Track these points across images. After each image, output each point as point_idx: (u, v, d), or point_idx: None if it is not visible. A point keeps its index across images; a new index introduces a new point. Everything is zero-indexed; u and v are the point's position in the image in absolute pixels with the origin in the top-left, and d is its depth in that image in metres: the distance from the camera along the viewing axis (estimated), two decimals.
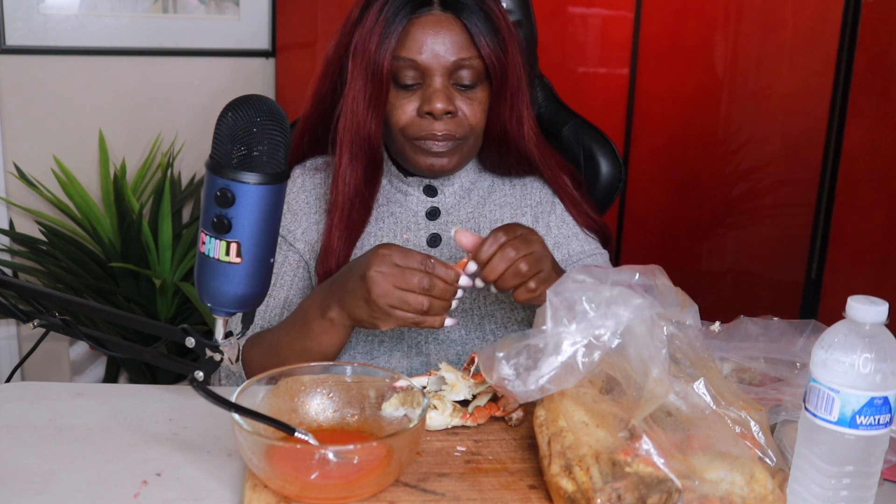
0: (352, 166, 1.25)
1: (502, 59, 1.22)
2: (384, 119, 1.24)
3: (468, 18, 1.20)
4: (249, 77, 2.71)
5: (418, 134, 1.22)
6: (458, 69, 1.21)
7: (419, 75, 1.21)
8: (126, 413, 1.08)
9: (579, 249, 1.35)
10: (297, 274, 1.31)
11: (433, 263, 1.06)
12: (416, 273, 1.05)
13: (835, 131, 2.51)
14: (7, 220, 2.59)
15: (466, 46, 1.21)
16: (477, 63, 1.21)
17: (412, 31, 1.20)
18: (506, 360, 0.88)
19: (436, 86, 1.20)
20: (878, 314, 0.79)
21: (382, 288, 1.05)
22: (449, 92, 1.21)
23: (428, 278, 1.05)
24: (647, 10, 2.48)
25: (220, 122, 0.81)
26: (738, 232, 2.70)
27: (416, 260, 1.06)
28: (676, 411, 0.87)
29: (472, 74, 1.22)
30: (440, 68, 1.20)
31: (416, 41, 1.20)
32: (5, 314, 0.94)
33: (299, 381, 1.00)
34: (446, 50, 1.20)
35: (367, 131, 1.23)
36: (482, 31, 1.21)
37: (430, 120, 1.21)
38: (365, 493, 0.88)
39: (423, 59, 1.20)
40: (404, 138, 1.24)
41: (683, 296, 0.93)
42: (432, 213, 1.33)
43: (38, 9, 2.50)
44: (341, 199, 1.26)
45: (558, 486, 0.85)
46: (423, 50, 1.20)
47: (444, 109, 1.20)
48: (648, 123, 2.56)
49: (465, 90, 1.23)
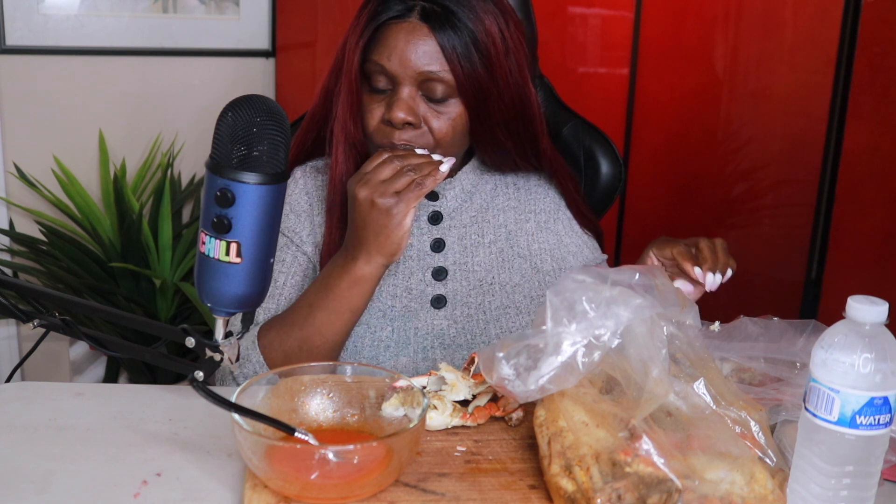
0: (346, 165, 1.26)
1: (479, 78, 1.19)
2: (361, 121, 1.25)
3: (443, 33, 1.17)
4: (249, 77, 2.71)
5: (381, 141, 1.22)
6: (426, 80, 1.18)
7: (389, 82, 1.20)
8: (126, 413, 1.08)
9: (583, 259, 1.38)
10: (306, 276, 1.31)
11: (390, 150, 1.16)
12: (385, 164, 1.15)
13: (835, 131, 2.51)
14: (7, 220, 2.59)
15: (437, 60, 1.18)
16: (448, 77, 1.18)
17: (387, 35, 1.19)
18: (506, 360, 0.88)
19: (400, 95, 1.19)
20: (878, 314, 0.79)
21: (373, 192, 1.13)
22: (413, 102, 1.19)
23: (397, 158, 1.14)
24: (647, 10, 2.47)
25: (220, 122, 0.81)
26: (738, 232, 2.70)
27: (378, 156, 1.16)
28: (676, 411, 0.87)
29: (444, 88, 1.19)
30: (407, 77, 1.18)
31: (388, 46, 1.18)
32: (5, 314, 0.94)
33: (299, 381, 1.00)
34: (416, 60, 1.17)
35: (350, 131, 1.24)
36: (457, 47, 1.17)
37: (390, 128, 1.20)
38: (365, 493, 0.88)
39: (391, 65, 1.18)
40: (371, 143, 1.24)
41: (683, 296, 0.93)
42: (434, 217, 1.33)
43: (38, 9, 2.50)
44: (340, 198, 1.26)
45: (558, 486, 0.85)
46: (392, 56, 1.18)
47: (403, 120, 1.19)
48: (648, 123, 2.56)
49: (435, 103, 1.20)
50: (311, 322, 1.19)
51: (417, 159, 1.16)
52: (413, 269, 1.29)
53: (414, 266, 1.30)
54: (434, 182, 1.14)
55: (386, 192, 1.13)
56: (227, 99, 0.82)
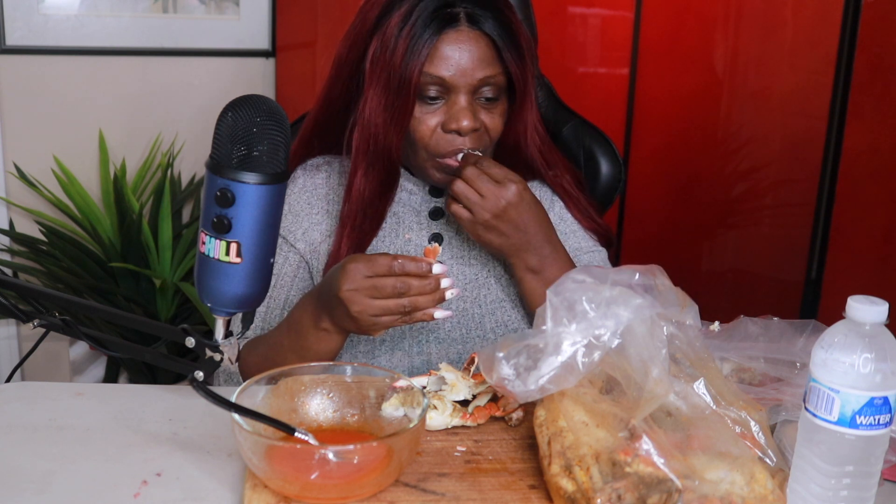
0: (367, 177, 1.24)
1: (526, 73, 1.22)
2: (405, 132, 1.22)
3: (494, 36, 1.18)
4: (249, 77, 2.70)
5: (443, 150, 1.21)
6: (483, 86, 1.20)
7: (443, 90, 1.19)
8: (126, 413, 1.08)
9: (576, 245, 1.35)
10: (297, 275, 1.31)
11: (401, 263, 1.06)
12: (388, 279, 1.05)
13: (835, 131, 2.51)
14: (7, 220, 2.59)
15: (492, 63, 1.19)
16: (501, 79, 1.21)
17: (440, 47, 1.18)
18: (506, 360, 0.88)
19: (462, 103, 1.19)
20: (878, 314, 0.79)
21: (360, 304, 1.06)
22: (474, 108, 1.20)
23: (401, 281, 1.05)
24: (647, 10, 2.47)
25: (220, 122, 0.81)
26: (738, 232, 2.70)
27: (384, 266, 1.06)
28: (676, 411, 0.87)
29: (496, 89, 1.21)
30: (466, 86, 1.19)
31: (444, 58, 1.18)
32: (5, 314, 0.94)
33: (299, 381, 1.00)
34: (473, 67, 1.18)
35: (388, 143, 1.21)
36: (508, 48, 1.19)
37: (454, 136, 1.20)
38: (365, 493, 0.88)
39: (450, 76, 1.18)
40: (427, 153, 1.22)
41: (683, 296, 0.93)
42: (435, 212, 1.33)
43: (38, 9, 2.50)
44: (354, 210, 1.25)
45: (558, 486, 0.85)
46: (451, 67, 1.18)
47: (472, 127, 1.19)
48: (648, 123, 2.56)
49: (487, 103, 1.22)
50: (283, 360, 1.17)
51: (419, 286, 1.07)
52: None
53: None
54: (421, 321, 1.10)
55: (373, 310, 1.07)
56: (227, 99, 0.82)
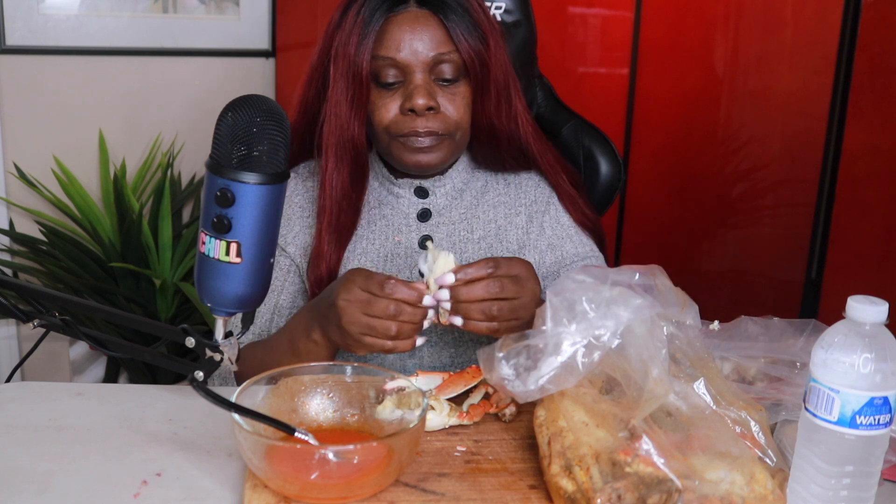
0: (338, 170, 1.26)
1: (482, 54, 1.22)
2: (367, 119, 1.24)
3: (444, 13, 1.20)
4: (249, 77, 2.71)
5: (402, 131, 1.22)
6: (437, 64, 1.21)
7: (400, 73, 1.21)
8: (126, 413, 1.08)
9: (573, 252, 1.34)
10: (287, 278, 1.32)
11: (394, 285, 1.05)
12: (383, 300, 1.05)
13: (835, 131, 2.51)
14: (7, 220, 2.59)
15: (444, 41, 1.20)
16: (456, 57, 1.21)
17: (389, 29, 1.20)
18: (506, 360, 0.88)
19: (417, 82, 1.20)
20: (878, 314, 0.79)
21: (351, 316, 1.06)
22: (430, 88, 1.21)
23: (395, 304, 1.05)
24: (647, 10, 2.48)
25: (220, 122, 0.81)
26: (738, 232, 2.70)
27: (378, 284, 1.06)
28: (676, 411, 0.87)
29: (453, 69, 1.21)
30: (420, 64, 1.20)
31: (394, 39, 1.20)
32: (5, 314, 0.94)
33: (299, 381, 1.01)
34: (424, 46, 1.20)
35: (351, 133, 1.24)
36: (459, 26, 1.20)
37: (412, 117, 1.21)
38: (365, 493, 0.88)
39: (401, 56, 1.20)
40: (389, 136, 1.24)
41: (683, 296, 0.93)
42: (423, 214, 1.33)
43: (38, 9, 2.50)
44: (329, 203, 1.27)
45: (558, 486, 0.85)
46: (402, 47, 1.20)
47: (426, 105, 1.20)
48: (648, 123, 2.56)
49: (447, 85, 1.22)
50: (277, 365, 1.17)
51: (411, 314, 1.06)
52: (401, 267, 1.30)
53: (402, 263, 1.30)
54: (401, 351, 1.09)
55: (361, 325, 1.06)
56: (227, 99, 0.83)
